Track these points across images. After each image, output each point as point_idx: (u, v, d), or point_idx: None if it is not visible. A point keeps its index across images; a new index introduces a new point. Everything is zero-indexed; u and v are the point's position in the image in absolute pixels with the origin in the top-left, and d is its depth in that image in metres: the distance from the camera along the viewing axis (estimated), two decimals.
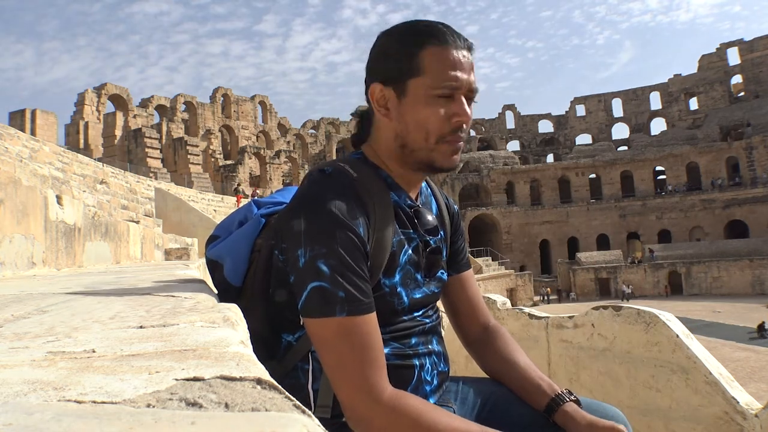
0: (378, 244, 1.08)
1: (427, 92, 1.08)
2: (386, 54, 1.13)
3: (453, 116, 1.09)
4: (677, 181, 49.41)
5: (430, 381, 1.17)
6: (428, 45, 1.08)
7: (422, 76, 1.08)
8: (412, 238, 1.17)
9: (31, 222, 3.41)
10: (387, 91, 1.13)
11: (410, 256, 1.16)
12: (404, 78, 1.10)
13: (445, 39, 1.09)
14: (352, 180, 1.11)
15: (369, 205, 1.08)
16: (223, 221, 1.45)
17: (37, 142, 20.61)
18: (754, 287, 36.59)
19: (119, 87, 49.16)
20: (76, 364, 0.62)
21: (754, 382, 14.62)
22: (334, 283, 0.97)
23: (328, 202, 1.03)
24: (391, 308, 1.12)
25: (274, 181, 47.75)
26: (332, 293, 0.97)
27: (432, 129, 1.09)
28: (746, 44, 57.27)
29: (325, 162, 1.19)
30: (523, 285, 37.42)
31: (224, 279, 1.33)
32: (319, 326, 0.99)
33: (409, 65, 1.09)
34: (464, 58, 1.09)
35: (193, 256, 8.61)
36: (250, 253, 1.30)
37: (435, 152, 1.11)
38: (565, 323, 2.85)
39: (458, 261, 1.36)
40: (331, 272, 0.98)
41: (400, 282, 1.14)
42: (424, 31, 1.10)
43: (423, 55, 1.08)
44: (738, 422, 1.99)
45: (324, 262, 0.98)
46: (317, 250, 0.99)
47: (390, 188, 1.17)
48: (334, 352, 0.97)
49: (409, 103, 1.10)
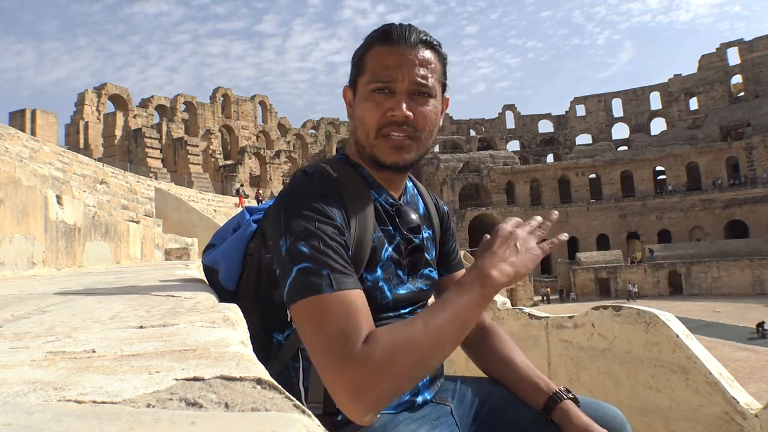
0: (359, 240, 1.09)
1: (366, 88, 1.14)
2: (352, 58, 1.21)
3: (388, 110, 1.11)
4: (677, 181, 49.41)
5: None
6: (374, 45, 1.15)
7: (365, 74, 1.14)
8: (392, 235, 1.19)
9: (31, 222, 3.41)
10: (349, 92, 1.21)
11: (391, 254, 1.17)
12: (356, 77, 1.17)
13: (389, 38, 1.13)
14: (332, 180, 1.13)
15: (349, 203, 1.10)
16: (218, 230, 1.48)
17: (37, 142, 20.61)
18: (754, 287, 36.59)
19: (119, 87, 49.18)
20: (76, 364, 0.62)
21: (754, 382, 14.63)
22: (316, 261, 0.96)
23: (308, 199, 1.05)
24: (374, 303, 1.11)
25: (274, 181, 47.76)
26: (316, 271, 0.95)
27: (369, 123, 1.13)
28: (746, 44, 57.27)
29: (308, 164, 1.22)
30: (523, 285, 37.39)
31: (220, 284, 1.35)
32: (306, 307, 0.93)
33: (359, 66, 1.16)
34: (409, 55, 1.12)
35: (193, 256, 8.61)
36: (243, 258, 1.32)
37: (375, 147, 1.14)
38: (565, 323, 2.85)
39: (450, 261, 1.38)
40: (312, 252, 0.97)
41: (382, 277, 1.15)
42: (376, 33, 1.16)
43: (368, 55, 1.15)
44: (738, 422, 1.99)
45: (304, 243, 0.98)
46: (297, 234, 1.00)
47: (371, 187, 1.19)
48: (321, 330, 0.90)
49: (358, 101, 1.17)
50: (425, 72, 1.12)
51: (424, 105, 1.13)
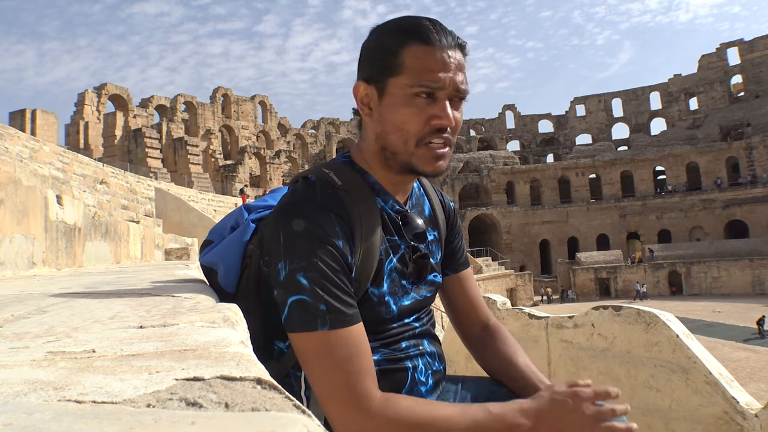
0: (366, 253, 1.06)
1: (405, 92, 1.04)
2: (371, 51, 1.10)
3: (432, 118, 1.04)
4: (677, 181, 49.39)
5: (425, 381, 1.17)
6: (410, 43, 1.04)
7: (402, 75, 1.04)
8: (398, 245, 1.16)
9: (31, 222, 3.41)
10: (369, 89, 1.10)
11: (395, 265, 1.15)
12: (385, 76, 1.06)
13: (429, 37, 1.04)
14: (336, 189, 1.08)
15: (354, 215, 1.06)
16: (216, 225, 1.44)
17: (37, 142, 20.60)
18: (754, 287, 36.56)
19: (119, 87, 49.13)
20: (76, 364, 0.62)
21: (754, 382, 14.62)
22: (314, 296, 0.95)
23: (309, 215, 1.01)
24: (379, 317, 1.11)
25: (274, 181, 47.74)
26: (313, 306, 0.95)
27: (410, 130, 1.05)
28: (746, 44, 57.23)
29: (310, 168, 1.16)
30: (523, 285, 37.40)
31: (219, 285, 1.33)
32: (302, 341, 0.96)
33: (390, 63, 1.05)
34: (450, 58, 1.05)
35: (193, 256, 8.60)
36: (242, 260, 1.29)
37: (415, 156, 1.07)
38: (565, 323, 2.85)
39: (456, 260, 1.35)
40: (311, 285, 0.96)
41: (388, 290, 1.13)
42: (408, 28, 1.06)
43: (404, 53, 1.04)
44: (738, 422, 1.99)
45: (303, 275, 0.96)
46: (296, 263, 0.97)
47: (377, 194, 1.14)
48: (319, 366, 0.94)
49: (389, 103, 1.06)
50: (462, 77, 1.07)
51: (458, 110, 1.08)
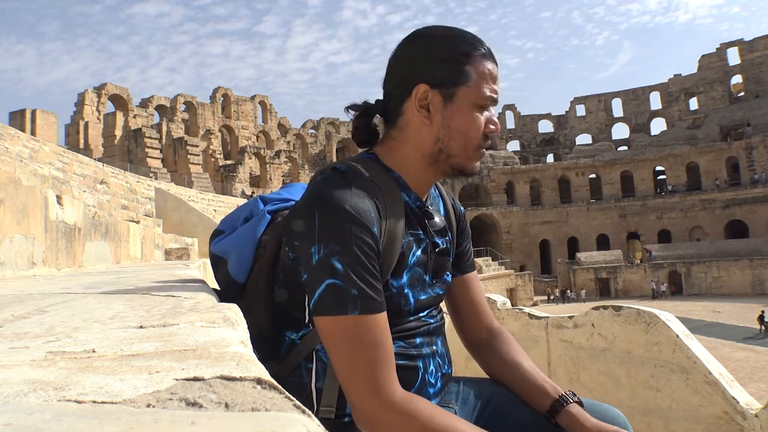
0: (388, 244, 1.07)
1: (473, 101, 1.12)
2: (436, 57, 1.12)
3: (488, 125, 1.14)
4: (677, 181, 49.41)
5: (433, 383, 1.17)
6: (476, 55, 1.13)
7: (471, 85, 1.11)
8: (421, 239, 1.17)
9: (31, 222, 3.41)
10: (433, 93, 1.12)
11: (419, 258, 1.16)
12: (455, 84, 1.11)
13: (489, 52, 1.15)
14: (365, 179, 1.10)
15: (381, 205, 1.08)
16: (228, 216, 1.43)
17: (37, 142, 20.60)
18: (754, 287, 36.57)
19: (119, 87, 49.16)
20: (76, 364, 0.62)
21: (754, 382, 14.64)
22: (347, 280, 0.97)
23: (343, 200, 1.02)
24: (397, 309, 1.12)
25: (274, 181, 47.73)
26: (346, 291, 0.97)
27: (474, 136, 1.13)
28: (746, 44, 57.25)
29: (337, 161, 1.18)
30: (523, 285, 37.39)
31: (228, 275, 1.32)
32: (332, 324, 0.98)
33: (460, 72, 1.11)
34: (496, 71, 1.15)
35: (193, 256, 8.61)
36: (255, 250, 1.28)
37: (470, 159, 1.16)
38: (565, 323, 2.85)
39: (463, 262, 1.36)
40: (345, 270, 0.97)
41: (408, 283, 1.14)
42: (471, 41, 1.15)
43: (473, 64, 1.12)
44: (738, 422, 1.99)
45: (338, 259, 0.98)
46: (332, 247, 0.98)
47: (401, 189, 1.17)
48: (346, 350, 0.98)
49: (456, 110, 1.12)
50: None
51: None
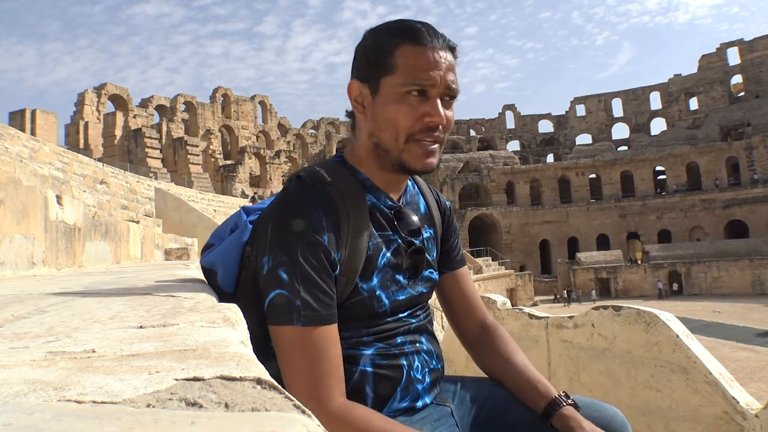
0: (352, 249, 1.08)
1: (397, 90, 1.08)
2: (364, 51, 1.14)
3: (424, 115, 1.08)
4: (677, 181, 49.39)
5: (421, 379, 1.18)
6: (403, 44, 1.09)
7: (395, 74, 1.08)
8: (391, 240, 1.17)
9: (31, 222, 3.41)
10: (363, 88, 1.14)
11: (389, 259, 1.16)
12: (378, 75, 1.10)
13: (421, 39, 1.09)
14: (325, 184, 1.12)
15: (342, 211, 1.09)
16: (217, 228, 1.46)
17: (37, 142, 20.60)
18: (754, 287, 36.54)
19: (119, 87, 49.10)
20: (76, 364, 0.62)
21: (754, 382, 14.63)
22: (292, 291, 1.00)
23: (296, 212, 1.05)
24: (371, 311, 1.12)
25: (274, 181, 47.73)
26: (291, 301, 1.00)
27: (401, 127, 1.09)
28: (746, 44, 57.22)
29: (302, 167, 1.21)
30: (523, 285, 37.36)
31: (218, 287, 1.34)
32: (278, 333, 1.01)
33: (384, 63, 1.10)
34: (441, 58, 1.09)
35: (193, 256, 8.60)
36: (240, 260, 1.30)
37: (405, 153, 1.10)
38: (565, 323, 2.85)
39: (452, 258, 1.36)
40: (291, 280, 1.00)
41: (379, 285, 1.14)
42: (401, 30, 1.11)
43: (397, 53, 1.09)
44: (738, 422, 1.99)
45: (284, 270, 1.01)
46: (279, 257, 1.02)
47: (368, 190, 1.17)
48: (289, 359, 1.00)
49: (381, 102, 1.11)
50: (453, 77, 1.11)
51: (449, 109, 1.13)
